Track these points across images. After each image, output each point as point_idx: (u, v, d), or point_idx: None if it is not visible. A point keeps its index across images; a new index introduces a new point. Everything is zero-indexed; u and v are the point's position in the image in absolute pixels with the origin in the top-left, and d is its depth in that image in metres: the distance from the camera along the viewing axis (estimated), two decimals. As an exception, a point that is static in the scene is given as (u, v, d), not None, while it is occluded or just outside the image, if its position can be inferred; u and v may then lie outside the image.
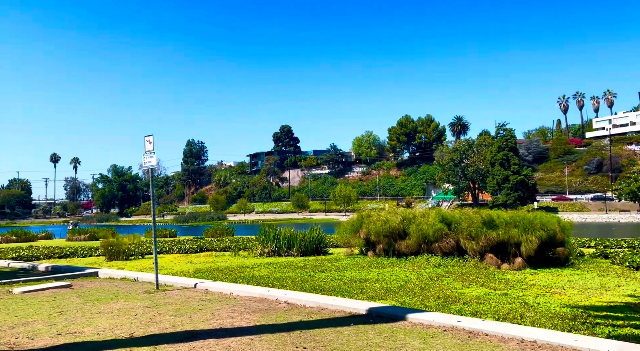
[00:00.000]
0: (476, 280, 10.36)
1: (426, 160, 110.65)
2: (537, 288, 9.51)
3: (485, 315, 7.06)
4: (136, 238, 24.07)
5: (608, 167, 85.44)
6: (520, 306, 7.69)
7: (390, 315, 6.83)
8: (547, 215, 14.01)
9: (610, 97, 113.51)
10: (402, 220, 15.32)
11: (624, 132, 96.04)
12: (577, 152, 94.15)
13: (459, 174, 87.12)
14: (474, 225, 13.60)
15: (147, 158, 10.75)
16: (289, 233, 17.20)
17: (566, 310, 7.43)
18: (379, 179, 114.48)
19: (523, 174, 79.55)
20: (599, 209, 76.33)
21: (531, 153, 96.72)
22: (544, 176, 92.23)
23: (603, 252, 15.29)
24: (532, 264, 12.61)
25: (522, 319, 6.79)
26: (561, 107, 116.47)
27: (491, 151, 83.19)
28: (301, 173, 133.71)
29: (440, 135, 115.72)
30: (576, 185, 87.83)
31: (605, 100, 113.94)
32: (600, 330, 6.15)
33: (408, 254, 14.55)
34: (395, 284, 9.95)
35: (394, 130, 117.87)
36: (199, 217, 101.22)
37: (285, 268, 13.03)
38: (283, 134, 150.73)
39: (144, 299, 9.06)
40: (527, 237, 12.55)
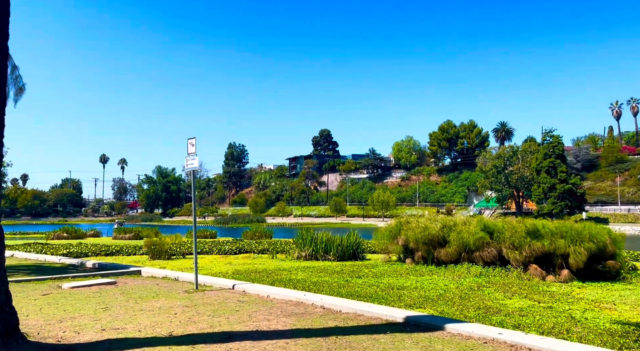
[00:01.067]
0: (519, 292, 10.01)
1: (468, 167, 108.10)
2: (585, 302, 9.08)
3: (529, 328, 6.80)
4: (178, 238, 24.73)
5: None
6: (567, 321, 7.36)
7: (428, 325, 6.69)
8: (597, 226, 13.36)
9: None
10: (441, 228, 15.02)
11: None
12: (630, 160, 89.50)
13: (502, 181, 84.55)
14: (518, 234, 13.16)
15: (189, 160, 11.03)
16: (326, 238, 17.20)
17: (617, 326, 7.05)
18: (419, 185, 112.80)
19: (571, 183, 76.33)
20: (654, 221, 72.24)
21: (580, 161, 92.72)
22: (593, 185, 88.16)
23: (658, 267, 14.46)
24: (579, 277, 12.06)
25: (568, 334, 6.49)
26: (613, 113, 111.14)
27: (537, 158, 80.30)
28: (339, 178, 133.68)
29: (483, 141, 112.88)
30: (629, 195, 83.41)
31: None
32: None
33: (448, 262, 14.24)
34: (433, 293, 9.74)
35: (435, 136, 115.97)
36: (239, 218, 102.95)
37: (322, 272, 13.03)
38: (322, 138, 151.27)
39: (183, 298, 9.28)
40: (574, 248, 12.02)
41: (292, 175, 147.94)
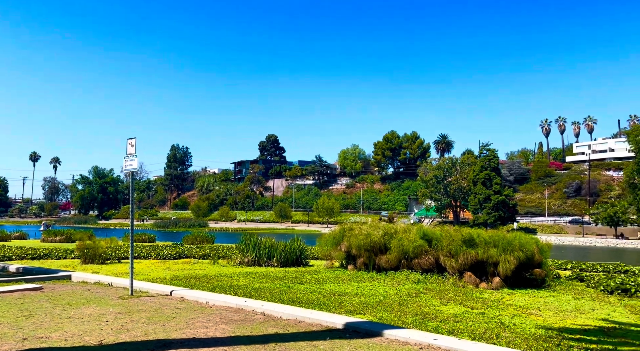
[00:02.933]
0: (454, 298, 10.39)
1: (410, 176, 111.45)
2: (514, 309, 9.57)
3: (462, 333, 7.06)
4: (113, 242, 23.64)
5: (586, 192, 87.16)
6: (497, 326, 7.72)
7: (367, 331, 6.79)
8: (526, 236, 14.15)
9: (591, 123, 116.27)
10: (383, 235, 15.34)
11: (602, 158, 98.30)
12: (557, 175, 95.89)
13: (442, 191, 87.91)
14: (454, 243, 13.68)
15: (128, 161, 10.60)
16: (269, 243, 17.08)
17: (541, 331, 7.48)
18: (363, 193, 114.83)
19: (504, 194, 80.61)
20: (576, 232, 77.60)
21: (513, 174, 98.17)
22: (524, 197, 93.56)
23: (579, 275, 15.49)
24: (509, 284, 12.70)
25: (498, 339, 6.80)
26: (543, 130, 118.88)
27: (474, 170, 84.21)
28: (285, 183, 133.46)
29: (424, 152, 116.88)
30: (555, 207, 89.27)
31: (586, 125, 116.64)
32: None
33: (388, 269, 14.55)
34: (373, 299, 9.91)
35: (380, 145, 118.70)
36: (180, 222, 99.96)
37: (264, 278, 12.91)
38: (269, 143, 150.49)
39: (116, 305, 8.86)
40: (505, 257, 12.65)
41: (237, 180, 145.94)
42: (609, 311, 9.70)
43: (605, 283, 13.09)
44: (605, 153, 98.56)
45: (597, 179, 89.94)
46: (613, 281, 13.26)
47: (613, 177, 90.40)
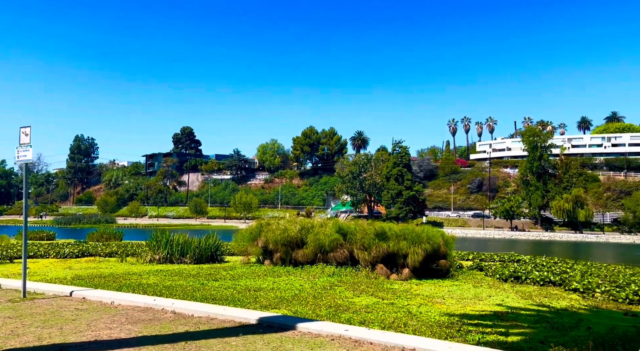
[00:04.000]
0: (366, 290, 10.73)
1: (328, 172, 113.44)
2: (421, 298, 10.10)
3: (372, 323, 7.31)
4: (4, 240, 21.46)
5: (487, 187, 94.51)
6: (405, 315, 8.09)
7: (281, 325, 6.79)
8: (433, 229, 15.00)
9: (492, 123, 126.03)
10: (300, 229, 15.44)
11: (501, 156, 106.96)
12: (462, 171, 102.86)
13: (357, 187, 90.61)
14: (368, 236, 14.13)
15: (22, 151, 9.64)
16: (183, 239, 16.48)
17: (444, 318, 7.96)
18: (282, 188, 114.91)
19: (415, 190, 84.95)
20: (478, 225, 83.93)
21: (423, 170, 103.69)
22: (433, 192, 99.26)
23: (479, 265, 16.75)
24: (417, 275, 13.39)
25: (406, 327, 7.13)
26: (450, 129, 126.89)
27: (387, 166, 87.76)
28: (201, 178, 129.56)
29: (342, 148, 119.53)
30: (460, 202, 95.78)
31: (487, 126, 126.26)
32: (471, 337, 6.66)
33: (304, 263, 14.68)
34: (289, 293, 9.94)
35: (299, 140, 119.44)
36: (84, 219, 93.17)
37: (176, 275, 12.43)
38: (184, 136, 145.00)
39: (6, 309, 8.04)
40: (414, 249, 13.31)
41: (149, 173, 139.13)
42: (503, 297, 10.59)
43: (500, 271, 14.26)
44: (504, 152, 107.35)
45: (496, 176, 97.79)
46: (507, 269, 14.49)
47: (510, 174, 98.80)
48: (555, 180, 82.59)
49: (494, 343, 6.39)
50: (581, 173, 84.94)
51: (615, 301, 10.55)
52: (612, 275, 14.71)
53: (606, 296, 10.95)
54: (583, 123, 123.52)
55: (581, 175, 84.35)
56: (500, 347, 6.10)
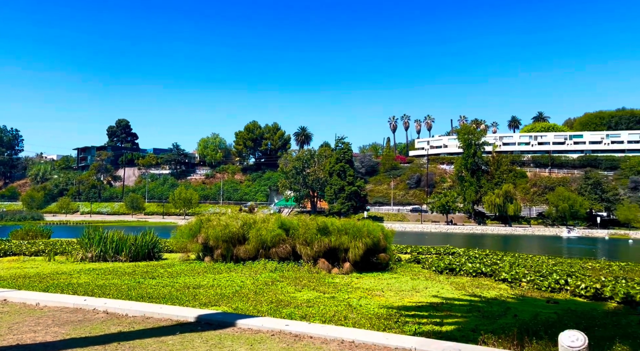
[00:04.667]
0: (308, 284, 10.79)
1: (271, 167, 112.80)
2: (361, 291, 10.29)
3: (314, 318, 7.36)
4: None
5: (425, 183, 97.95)
6: (345, 309, 8.21)
7: (220, 322, 6.67)
8: (374, 223, 15.33)
9: (430, 121, 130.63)
10: (242, 225, 15.23)
11: (438, 153, 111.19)
12: (401, 168, 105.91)
13: (301, 182, 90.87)
14: (310, 231, 14.19)
15: None
16: (117, 236, 15.77)
17: (383, 310, 8.16)
18: (223, 183, 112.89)
19: (357, 185, 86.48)
20: (416, 219, 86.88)
21: (364, 166, 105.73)
22: (374, 188, 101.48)
23: (416, 258, 17.34)
24: (358, 268, 13.64)
25: (346, 321, 7.24)
26: (391, 126, 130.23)
27: (330, 162, 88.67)
28: (138, 172, 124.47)
29: (285, 143, 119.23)
30: (399, 197, 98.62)
31: (426, 123, 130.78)
32: (408, 328, 6.88)
33: (246, 259, 14.51)
34: (230, 290, 9.80)
35: (241, 135, 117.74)
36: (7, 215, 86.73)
37: (110, 274, 11.87)
38: (119, 129, 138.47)
39: None
40: (355, 243, 13.54)
41: (81, 168, 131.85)
42: (439, 288, 11.02)
43: (436, 264, 14.83)
44: (441, 149, 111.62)
45: (433, 172, 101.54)
46: (443, 262, 15.10)
47: (446, 170, 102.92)
48: (487, 176, 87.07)
49: (430, 333, 6.63)
50: (511, 170, 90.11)
51: (539, 290, 11.28)
52: (536, 265, 15.75)
53: (531, 285, 11.69)
54: (513, 122, 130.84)
55: (511, 172, 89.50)
56: (435, 336, 6.33)
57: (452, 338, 6.36)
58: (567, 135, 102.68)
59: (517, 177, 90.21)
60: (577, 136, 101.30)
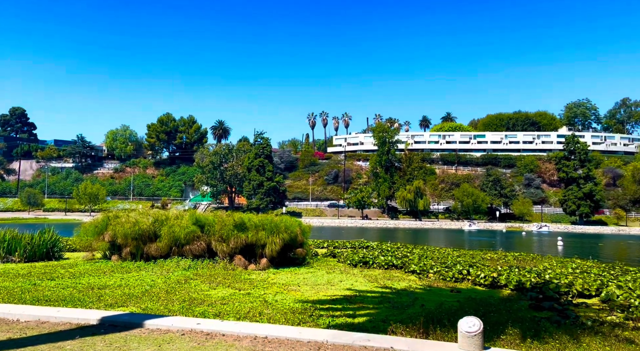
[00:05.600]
0: (223, 281, 10.58)
1: (186, 161, 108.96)
2: (277, 287, 10.30)
3: (228, 315, 7.23)
4: None
5: (342, 179, 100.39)
6: (261, 305, 8.16)
7: (126, 323, 6.31)
8: (292, 219, 15.40)
9: (347, 119, 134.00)
10: (154, 222, 14.58)
11: (355, 150, 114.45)
12: (320, 163, 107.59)
13: (218, 177, 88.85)
14: (226, 227, 13.93)
15: None
16: (10, 235, 14.39)
17: (298, 305, 8.23)
18: (134, 178, 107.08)
19: (276, 181, 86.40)
20: (333, 214, 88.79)
21: (284, 162, 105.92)
22: (293, 183, 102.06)
23: (332, 252, 17.72)
24: (275, 264, 13.63)
25: (261, 317, 7.20)
26: (310, 123, 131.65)
27: (249, 157, 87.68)
28: (36, 166, 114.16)
29: (201, 137, 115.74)
30: (318, 192, 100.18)
31: (344, 121, 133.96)
32: (322, 321, 7.00)
33: (158, 257, 13.91)
34: (139, 289, 9.33)
35: (154, 128, 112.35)
36: None
37: (1, 277, 10.78)
38: (14, 118, 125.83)
39: None
40: (272, 239, 13.52)
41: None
42: (353, 281, 11.34)
43: (351, 258, 15.26)
44: (357, 146, 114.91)
45: (350, 168, 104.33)
46: (357, 255, 15.57)
47: (362, 167, 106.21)
48: (400, 173, 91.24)
49: (343, 325, 6.80)
50: (421, 167, 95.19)
51: (444, 280, 12.02)
52: (442, 257, 16.77)
53: (437, 276, 12.43)
54: (424, 121, 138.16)
55: (421, 169, 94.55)
56: (348, 328, 6.50)
57: (364, 329, 6.57)
58: (471, 134, 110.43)
59: (427, 173, 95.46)
60: (481, 136, 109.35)
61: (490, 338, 6.12)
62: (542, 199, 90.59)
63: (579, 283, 10.59)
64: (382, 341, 5.07)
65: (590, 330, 6.76)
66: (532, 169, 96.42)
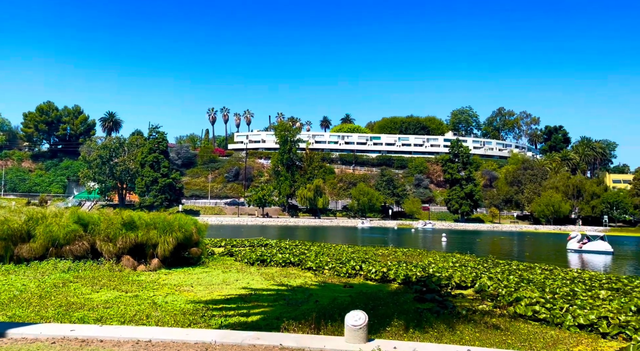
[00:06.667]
0: (108, 284, 9.88)
1: (70, 155, 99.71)
2: (169, 287, 9.85)
3: (111, 319, 6.75)
4: None
5: (243, 176, 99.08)
6: (149, 307, 7.74)
7: (-13, 335, 5.59)
8: (187, 217, 14.85)
9: (249, 116, 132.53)
10: (27, 220, 13.16)
11: (257, 147, 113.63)
12: (220, 160, 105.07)
13: (107, 173, 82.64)
14: (114, 226, 13.02)
15: None
16: None
17: (190, 306, 7.94)
18: (7, 171, 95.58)
19: (172, 177, 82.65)
20: (233, 213, 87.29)
21: (181, 158, 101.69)
22: (190, 180, 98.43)
23: (230, 251, 17.42)
24: (168, 264, 13.04)
25: (148, 319, 6.82)
26: (210, 118, 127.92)
27: (143, 152, 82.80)
28: None
29: (89, 129, 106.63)
30: (217, 190, 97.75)
31: (245, 118, 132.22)
32: (214, 321, 6.83)
33: (31, 259, 12.56)
34: (6, 295, 8.35)
35: (32, 117, 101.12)
36: None
37: None
38: None
39: None
40: (165, 238, 12.91)
41: None
42: (249, 280, 11.24)
43: (249, 256, 15.13)
44: (259, 144, 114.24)
45: (252, 166, 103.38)
46: (255, 254, 15.48)
47: (264, 165, 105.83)
48: (301, 172, 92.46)
49: (235, 324, 6.69)
50: (322, 166, 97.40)
51: (338, 276, 12.41)
52: (338, 253, 17.32)
53: (332, 272, 12.79)
54: (324, 122, 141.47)
55: (321, 168, 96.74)
56: (241, 328, 6.41)
57: (257, 327, 6.53)
58: (368, 136, 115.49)
59: (326, 173, 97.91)
60: (376, 138, 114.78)
61: (377, 330, 6.43)
62: (430, 198, 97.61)
63: (458, 275, 11.56)
64: (271, 338, 5.06)
65: (464, 318, 7.41)
66: (421, 170, 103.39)
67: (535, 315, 7.73)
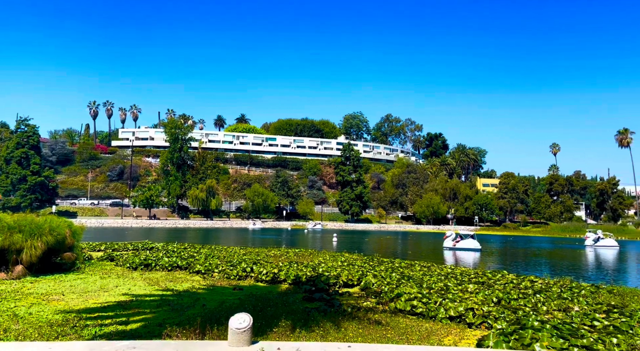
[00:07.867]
0: (-43, 296, 8.59)
1: None
2: (34, 297, 8.86)
3: (-43, 338, 5.86)
4: None
5: (128, 175, 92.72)
6: (8, 319, 6.89)
7: None
8: (59, 219, 13.50)
9: (136, 111, 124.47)
10: None
11: (144, 145, 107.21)
12: (102, 158, 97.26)
13: (-37, 169, 72.17)
14: (-32, 230, 11.37)
15: None
16: None
17: (59, 316, 7.21)
18: None
19: (44, 175, 74.69)
20: (117, 214, 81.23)
21: (56, 154, 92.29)
22: (67, 179, 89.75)
23: (110, 255, 16.16)
24: (35, 271, 11.74)
25: (6, 334, 6.07)
26: (91, 112, 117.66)
27: (8, 147, 73.68)
28: None
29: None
30: (98, 190, 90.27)
31: (132, 113, 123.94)
32: (87, 332, 6.27)
33: None
34: None
35: None
36: None
37: None
38: None
39: None
40: (32, 243, 11.61)
41: None
42: (131, 285, 10.53)
43: (131, 260, 14.18)
44: (147, 141, 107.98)
45: (138, 164, 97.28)
46: (138, 258, 14.56)
47: (152, 163, 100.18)
48: (193, 171, 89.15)
49: (112, 333, 6.21)
50: (215, 166, 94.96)
51: (228, 279, 12.16)
52: (229, 255, 16.99)
53: (222, 275, 12.50)
54: (219, 121, 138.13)
55: (215, 168, 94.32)
56: (119, 337, 5.97)
57: (137, 335, 6.13)
58: (264, 137, 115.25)
59: (220, 173, 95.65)
60: (272, 139, 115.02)
61: (264, 331, 6.40)
62: (322, 199, 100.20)
63: (345, 274, 11.98)
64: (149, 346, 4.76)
65: (350, 315, 7.69)
66: (315, 172, 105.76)
67: (413, 310, 8.29)
